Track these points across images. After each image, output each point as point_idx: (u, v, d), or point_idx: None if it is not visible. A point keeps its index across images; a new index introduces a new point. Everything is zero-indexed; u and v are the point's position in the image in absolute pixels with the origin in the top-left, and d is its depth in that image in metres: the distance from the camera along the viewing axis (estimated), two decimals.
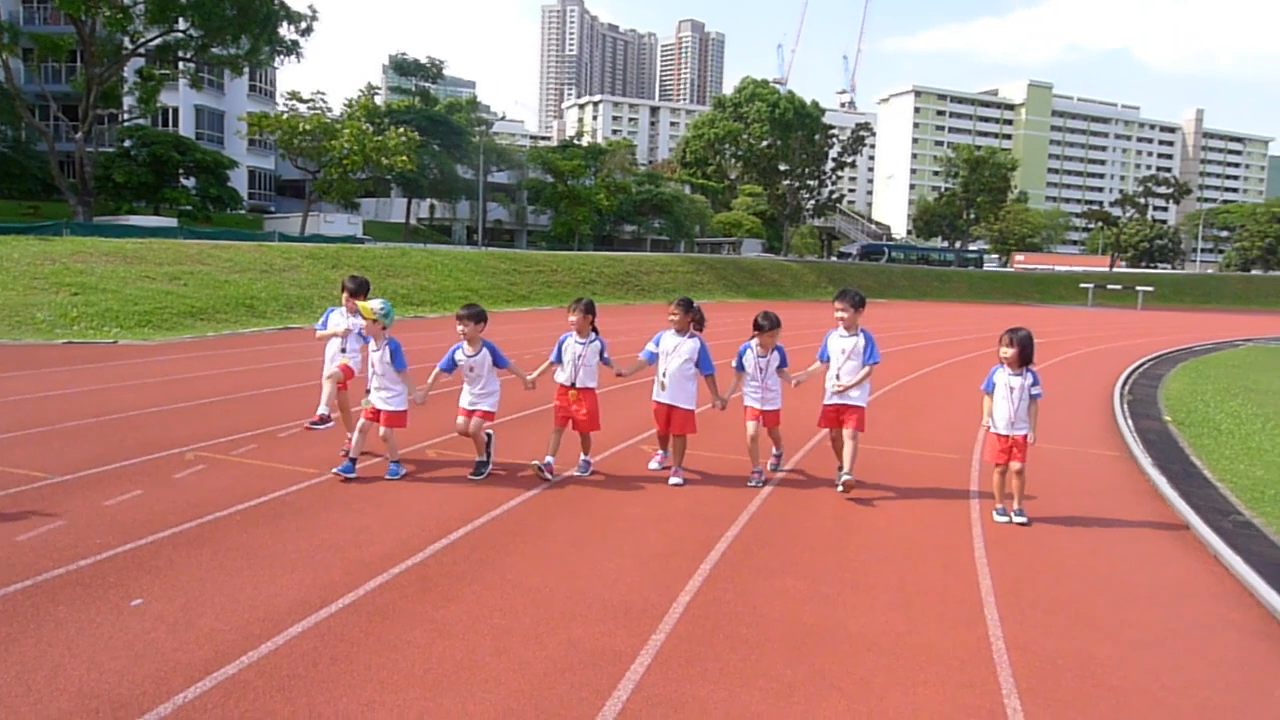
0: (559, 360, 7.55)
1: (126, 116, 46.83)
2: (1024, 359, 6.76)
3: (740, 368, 7.61)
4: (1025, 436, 6.73)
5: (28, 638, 4.21)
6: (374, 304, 7.34)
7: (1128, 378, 16.67)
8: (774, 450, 8.10)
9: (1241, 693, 4.16)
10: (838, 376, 7.25)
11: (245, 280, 23.31)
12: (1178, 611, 5.17)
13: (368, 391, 7.42)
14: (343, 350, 7.98)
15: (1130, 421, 11.51)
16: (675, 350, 7.42)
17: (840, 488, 7.19)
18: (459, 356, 7.38)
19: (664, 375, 7.44)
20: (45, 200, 43.99)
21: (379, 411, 7.31)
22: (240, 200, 53.16)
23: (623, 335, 21.56)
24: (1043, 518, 6.82)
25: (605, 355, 7.56)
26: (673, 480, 7.34)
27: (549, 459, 7.37)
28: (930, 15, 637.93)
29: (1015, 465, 6.71)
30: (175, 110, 54.53)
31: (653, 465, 7.89)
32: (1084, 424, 11.52)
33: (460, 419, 7.46)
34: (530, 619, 4.64)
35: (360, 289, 7.83)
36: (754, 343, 7.57)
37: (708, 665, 4.17)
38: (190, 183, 48.22)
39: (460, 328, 7.36)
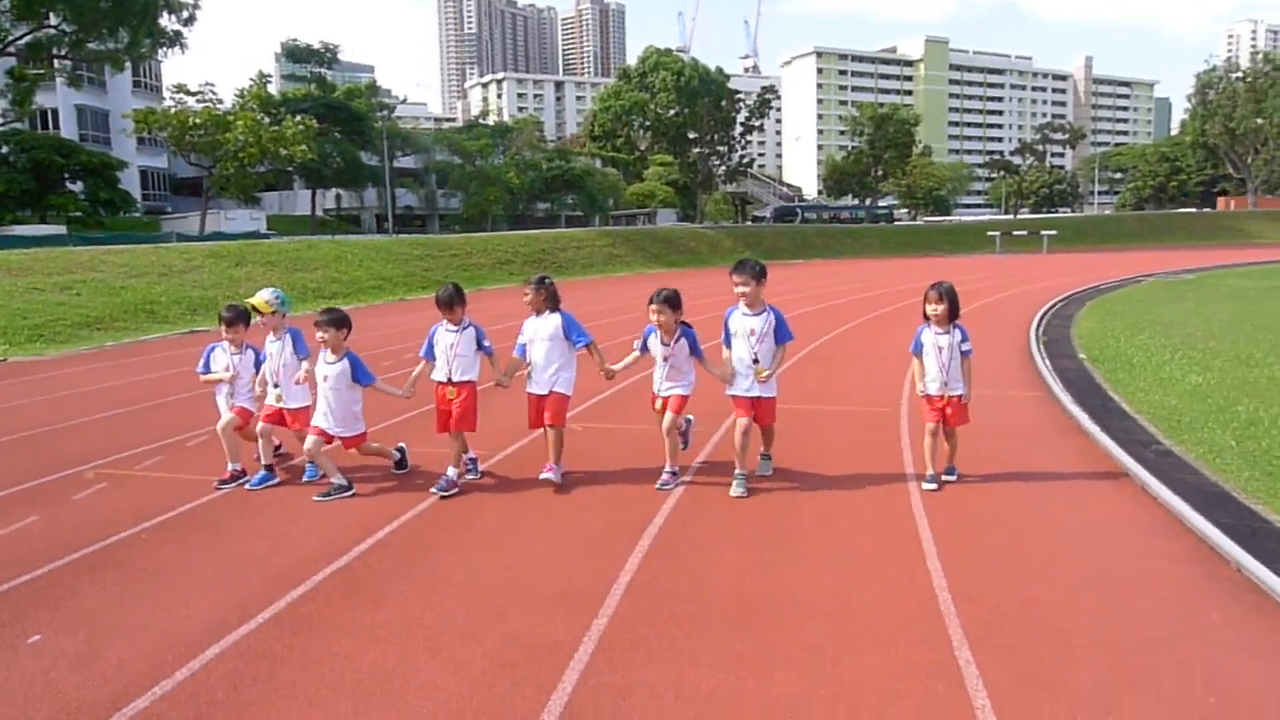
0: (430, 356, 6.63)
1: (1, 121, 44.22)
2: (952, 314, 6.37)
3: (644, 350, 6.73)
4: (960, 397, 6.37)
5: None
6: (265, 294, 6.87)
7: (1041, 319, 17.08)
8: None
9: (1180, 622, 4.19)
10: (755, 360, 6.33)
11: (144, 285, 22.23)
12: (1112, 547, 5.22)
13: (275, 385, 6.84)
14: (231, 395, 7.11)
15: (1048, 361, 11.76)
16: (538, 333, 6.56)
17: (763, 470, 6.77)
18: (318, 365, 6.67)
19: (533, 362, 6.58)
20: None
21: (282, 412, 6.82)
22: (134, 203, 50.76)
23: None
24: (973, 464, 6.82)
25: (485, 343, 6.62)
26: (544, 474, 6.44)
27: (450, 471, 6.54)
28: None
29: (949, 430, 6.45)
30: (55, 111, 51.72)
31: (545, 475, 6.54)
32: (1003, 367, 11.72)
33: (311, 437, 6.61)
34: (464, 615, 4.42)
35: (239, 318, 7.04)
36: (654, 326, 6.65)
37: (653, 646, 4.03)
38: (77, 187, 45.83)
39: (320, 335, 6.57)
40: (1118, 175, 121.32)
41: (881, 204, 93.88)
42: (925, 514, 5.80)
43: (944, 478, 6.42)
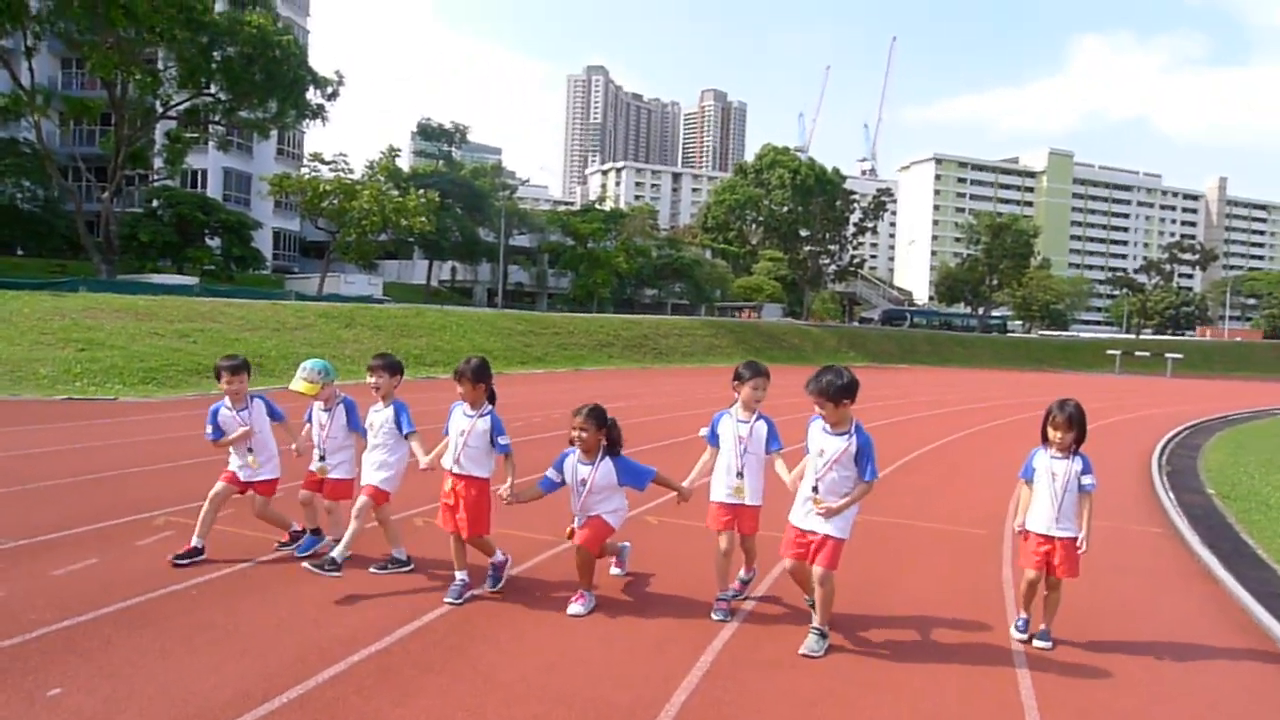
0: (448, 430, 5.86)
1: (155, 177, 47.51)
2: (1077, 439, 5.33)
3: (713, 439, 5.73)
4: (1072, 540, 5.27)
5: None
6: (307, 372, 6.34)
7: (1164, 447, 15.88)
8: (741, 573, 6.09)
9: None
10: (815, 489, 5.09)
11: (256, 338, 23.06)
12: (1245, 709, 4.49)
13: (321, 457, 6.43)
14: (245, 460, 6.47)
15: (1172, 494, 10.78)
16: (587, 482, 5.53)
17: (810, 650, 5.02)
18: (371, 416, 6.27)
19: (579, 507, 5.59)
20: (72, 259, 44.45)
21: (323, 481, 6.38)
22: (263, 260, 53.56)
23: (637, 399, 21.03)
24: (1084, 606, 6.08)
25: (499, 440, 5.64)
26: (572, 608, 5.50)
27: (458, 576, 5.69)
28: (949, 86, 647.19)
29: (1054, 581, 5.33)
30: (204, 172, 55.38)
31: (572, 609, 5.52)
32: (1121, 497, 10.79)
33: (362, 498, 6.11)
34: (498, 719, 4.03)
35: (241, 367, 6.41)
36: (737, 404, 5.75)
37: None
38: (215, 243, 48.67)
39: (372, 379, 6.22)
40: (1251, 301, 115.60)
41: (994, 314, 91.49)
42: (1026, 664, 5.14)
43: (1036, 642, 5.32)
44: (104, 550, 6.36)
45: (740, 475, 5.54)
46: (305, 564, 6.07)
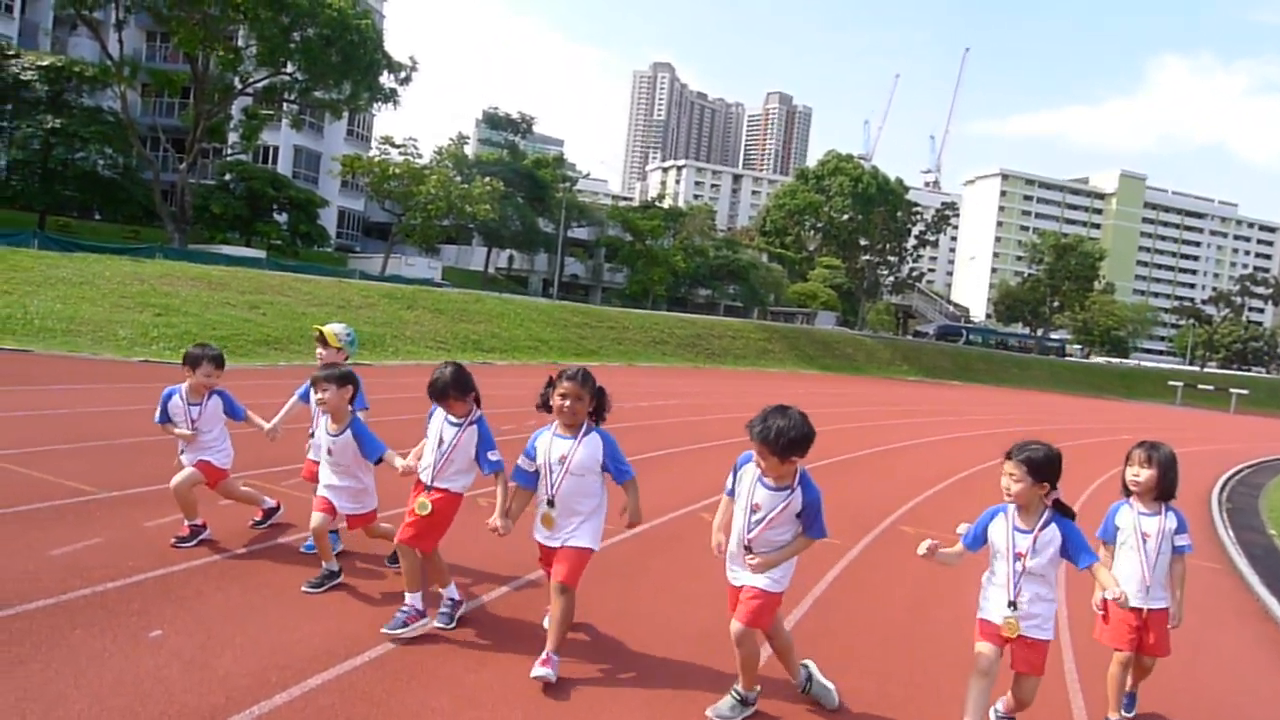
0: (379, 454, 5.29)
1: (229, 151, 48.77)
2: (1165, 490, 4.55)
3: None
4: (1165, 612, 4.47)
5: (36, 661, 3.97)
6: (337, 327, 6.17)
7: (1224, 484, 15.62)
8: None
9: None
10: (748, 548, 4.14)
11: (322, 314, 23.63)
12: None
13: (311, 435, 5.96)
14: (197, 450, 6.05)
15: (1231, 532, 10.65)
16: (561, 461, 4.48)
17: (718, 714, 4.20)
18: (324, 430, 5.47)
19: (550, 496, 4.48)
20: (146, 225, 45.83)
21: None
22: (328, 238, 54.69)
23: (688, 398, 21.17)
24: None
25: (489, 455, 4.84)
26: (538, 671, 4.26)
27: (409, 601, 4.80)
28: (1020, 101, 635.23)
29: (1146, 660, 4.52)
30: (275, 149, 56.65)
31: (536, 673, 4.29)
32: None
33: (316, 514, 5.30)
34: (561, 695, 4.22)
35: (210, 359, 6.08)
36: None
37: None
38: (282, 218, 49.83)
39: (318, 396, 5.33)
40: None
41: (1053, 336, 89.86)
42: (1080, 688, 5.20)
43: (1122, 714, 4.57)
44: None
45: (551, 504, 4.49)
46: (305, 588, 5.27)
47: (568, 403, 4.44)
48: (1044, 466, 4.00)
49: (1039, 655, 4.01)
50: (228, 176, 48.21)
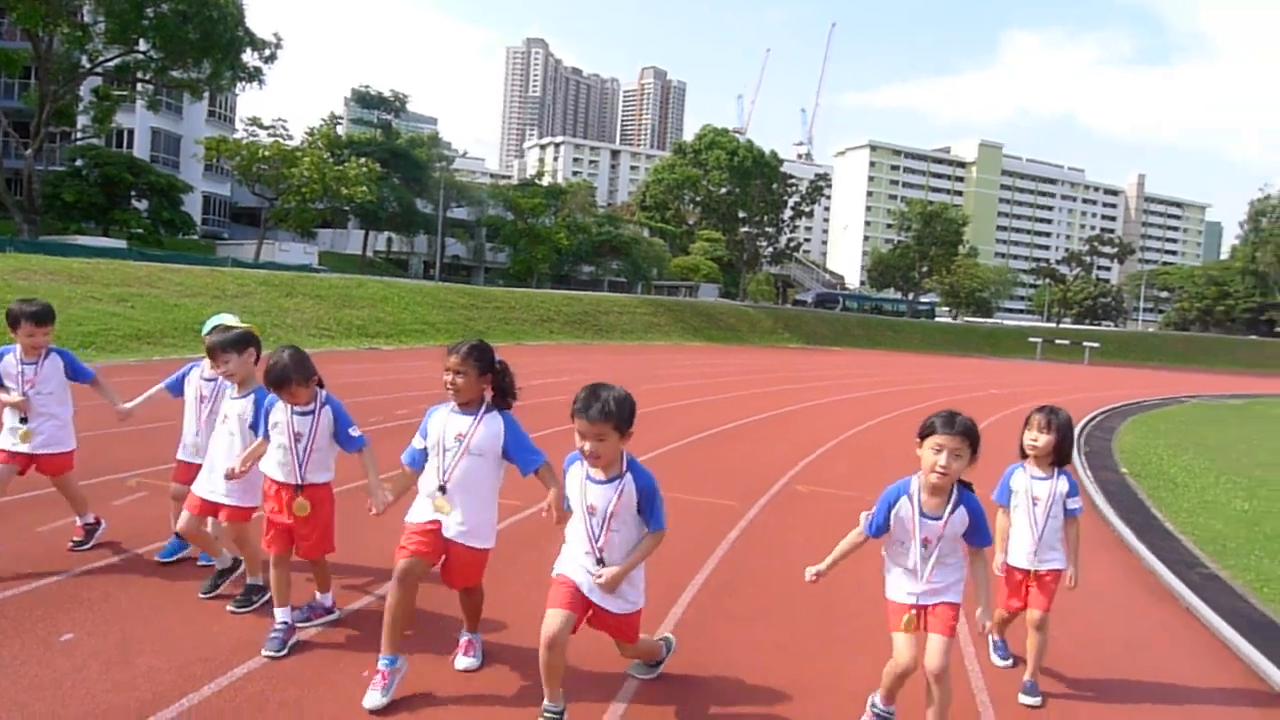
0: (262, 433, 4.60)
1: (80, 135, 45.90)
2: (1061, 455, 4.53)
3: (879, 531, 3.88)
4: (1058, 574, 4.48)
5: None
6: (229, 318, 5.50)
7: (1082, 430, 16.84)
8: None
9: None
10: (600, 561, 3.71)
11: (196, 305, 22.69)
12: (1160, 667, 5.08)
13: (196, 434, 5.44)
14: (14, 426, 5.35)
15: (1089, 472, 11.56)
16: (458, 440, 4.05)
17: None
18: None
19: (442, 480, 4.03)
20: None
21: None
22: (194, 225, 52.18)
23: (579, 375, 21.35)
24: None
25: (350, 431, 4.53)
26: (462, 661, 4.27)
27: (280, 618, 4.41)
28: (886, 72, 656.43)
29: (1034, 615, 4.42)
30: (130, 132, 53.61)
31: (461, 664, 4.29)
32: None
33: (187, 515, 4.91)
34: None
35: (44, 315, 5.31)
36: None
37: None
38: (142, 205, 47.27)
39: (219, 366, 4.91)
40: (1164, 294, 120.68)
41: (924, 300, 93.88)
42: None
43: (1023, 696, 4.38)
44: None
45: (443, 489, 4.08)
46: (230, 607, 4.82)
47: (450, 378, 4.00)
48: (979, 438, 3.64)
49: (950, 618, 3.71)
50: (79, 162, 45.41)
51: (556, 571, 3.78)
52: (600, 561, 3.67)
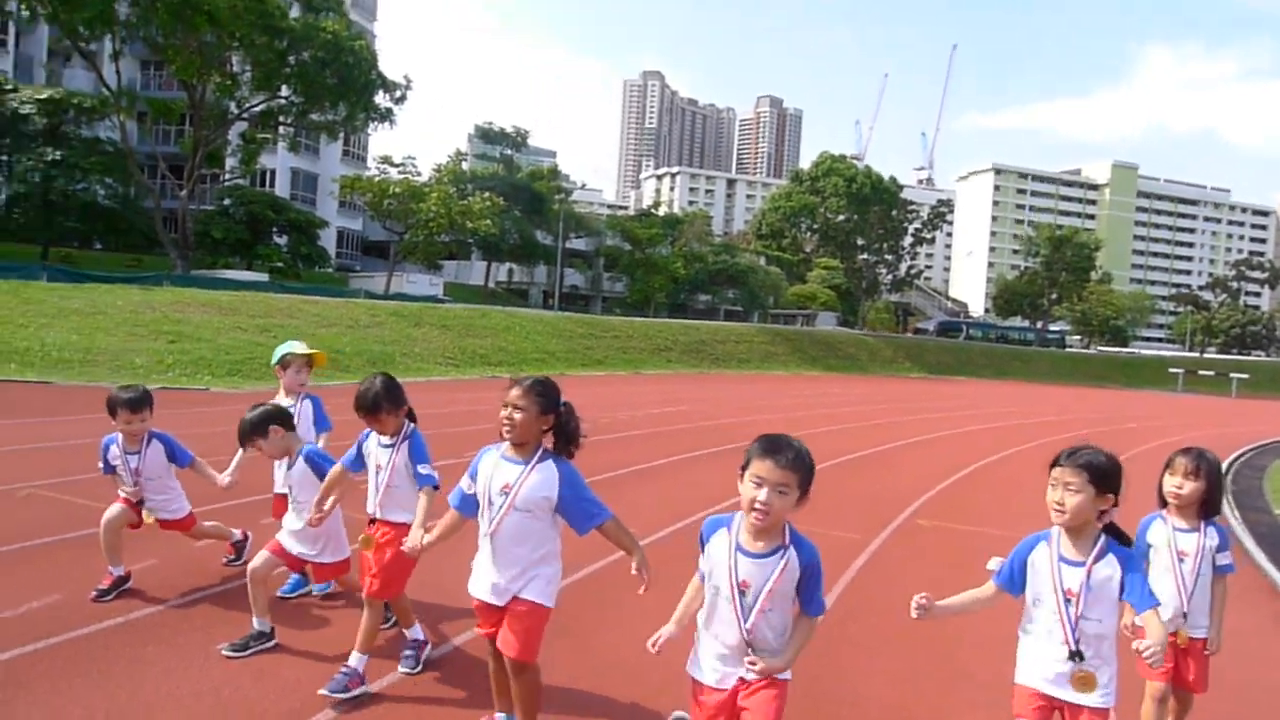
0: (357, 465, 4.54)
1: (228, 176, 49.15)
2: (1210, 505, 3.94)
3: (1009, 585, 3.35)
4: (1204, 642, 3.94)
5: (120, 673, 4.20)
6: (299, 346, 5.86)
7: (1229, 467, 15.86)
8: None
9: None
10: (749, 643, 3.09)
11: (331, 335, 23.91)
12: None
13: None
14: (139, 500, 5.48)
15: (1238, 513, 10.90)
16: (505, 491, 3.58)
17: None
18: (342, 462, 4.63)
19: (488, 534, 3.62)
20: (147, 253, 46.13)
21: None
22: (328, 258, 55.02)
23: (696, 404, 21.41)
24: None
25: (420, 469, 4.32)
26: None
27: (414, 636, 4.61)
28: (1010, 94, 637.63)
29: (1185, 695, 4.00)
30: (273, 172, 57.03)
31: None
32: None
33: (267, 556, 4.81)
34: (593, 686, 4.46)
35: (140, 402, 5.32)
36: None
37: None
38: (283, 240, 50.16)
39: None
40: None
41: (1053, 328, 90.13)
42: None
43: None
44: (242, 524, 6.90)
45: (491, 540, 3.65)
46: (224, 650, 4.62)
47: (508, 412, 3.53)
48: (1110, 474, 3.09)
49: None
50: (227, 201, 48.55)
51: (697, 675, 3.16)
52: (749, 645, 3.05)
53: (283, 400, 5.67)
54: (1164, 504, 3.97)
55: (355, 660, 4.24)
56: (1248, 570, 8.15)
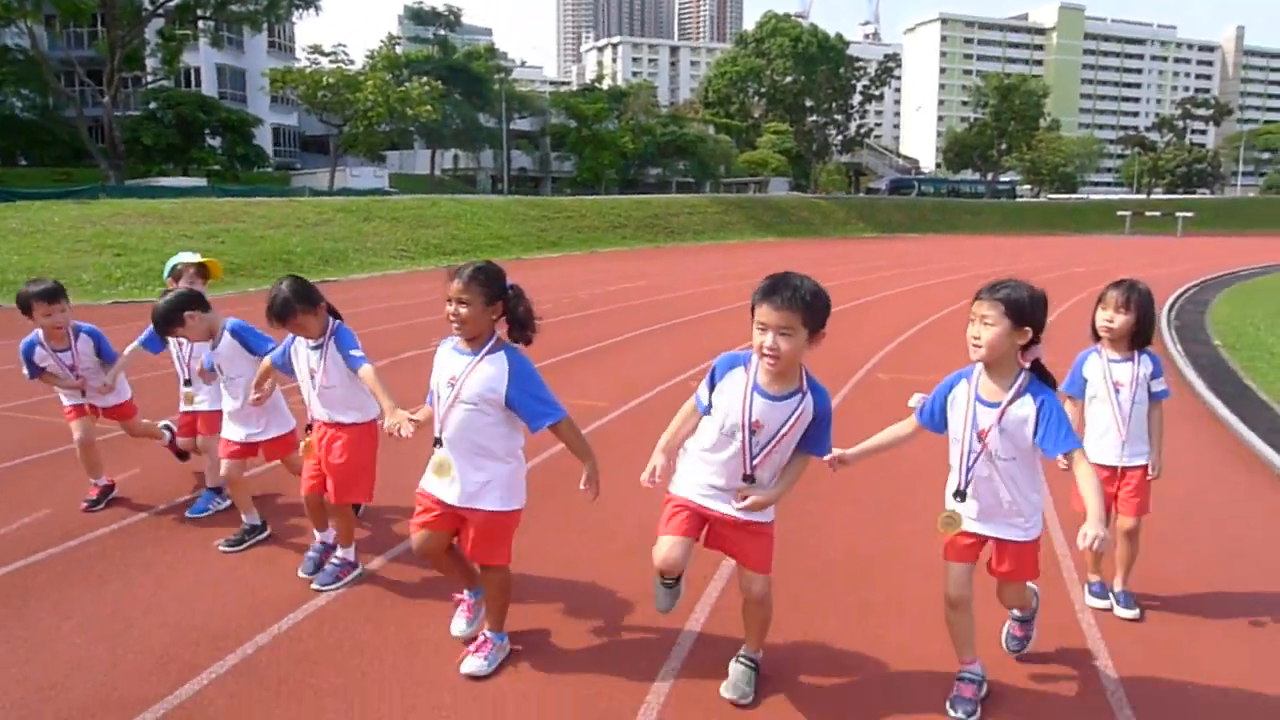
0: (285, 368, 4.41)
1: (150, 79, 46.87)
2: (1142, 336, 3.99)
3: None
4: (1143, 469, 4.01)
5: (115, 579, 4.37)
6: (189, 256, 5.62)
7: (1172, 304, 16.42)
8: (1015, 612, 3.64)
9: None
10: (749, 476, 3.15)
11: (280, 235, 23.47)
12: (1244, 528, 5.19)
13: (187, 382, 5.35)
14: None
15: (1179, 346, 11.38)
16: (454, 383, 3.39)
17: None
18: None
19: (438, 433, 3.44)
20: (75, 166, 44.34)
21: (195, 417, 5.33)
22: (267, 158, 53.24)
23: (654, 278, 21.52)
24: None
25: (351, 353, 4.14)
26: (470, 664, 3.48)
27: (318, 539, 4.50)
28: None
29: (1126, 522, 4.02)
30: (197, 70, 54.40)
31: (458, 627, 3.79)
32: None
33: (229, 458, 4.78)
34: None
35: (55, 293, 5.20)
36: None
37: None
38: (216, 142, 48.35)
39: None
40: (1265, 156, 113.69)
41: (1003, 179, 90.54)
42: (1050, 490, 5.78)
43: (1119, 608, 4.02)
44: None
45: (438, 442, 3.49)
46: (221, 546, 4.73)
47: (452, 308, 3.33)
48: (1026, 307, 3.02)
49: (1024, 559, 3.22)
50: (153, 105, 46.48)
51: (676, 491, 3.26)
52: (750, 479, 3.11)
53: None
54: (1098, 338, 4.04)
55: (342, 552, 4.32)
56: (1186, 397, 8.60)
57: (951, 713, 3.18)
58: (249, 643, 3.70)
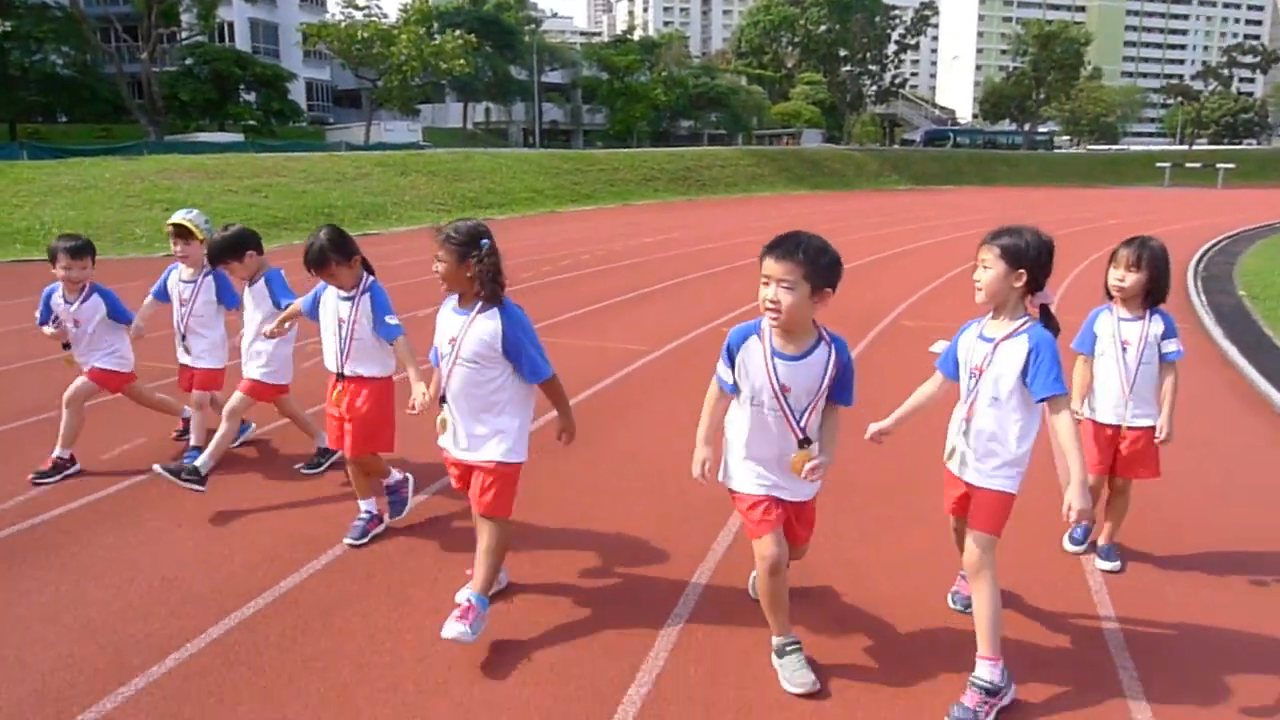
0: (313, 314, 4.47)
1: (185, 34, 47.34)
2: (1154, 292, 3.91)
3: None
4: (1150, 430, 3.97)
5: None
6: (190, 215, 5.44)
7: (1202, 255, 16.49)
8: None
9: None
10: (804, 439, 3.09)
11: (321, 189, 24.01)
12: (1253, 467, 5.55)
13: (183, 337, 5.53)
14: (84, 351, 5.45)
15: (1203, 296, 11.58)
16: (455, 340, 3.48)
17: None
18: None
19: (441, 391, 3.56)
20: (115, 122, 45.09)
21: (192, 372, 5.54)
22: (301, 113, 53.75)
23: (689, 230, 21.79)
24: None
25: (386, 319, 4.26)
26: (450, 630, 3.27)
27: (364, 509, 4.41)
28: None
29: (1119, 480, 4.08)
30: (231, 25, 54.82)
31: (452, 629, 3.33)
32: None
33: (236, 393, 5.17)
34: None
35: (82, 250, 5.27)
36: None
37: None
38: (252, 97, 48.84)
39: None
40: None
41: (1041, 130, 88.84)
42: None
43: (1100, 563, 4.04)
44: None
45: (443, 400, 3.57)
46: (157, 468, 4.75)
47: (435, 266, 3.44)
48: (1024, 252, 3.04)
49: (995, 510, 3.10)
50: (189, 61, 47.02)
51: (740, 489, 3.17)
52: (806, 441, 3.07)
53: (184, 273, 5.51)
54: (1110, 297, 4.00)
55: (367, 505, 4.40)
56: (1204, 344, 8.88)
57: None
58: (338, 545, 4.25)
